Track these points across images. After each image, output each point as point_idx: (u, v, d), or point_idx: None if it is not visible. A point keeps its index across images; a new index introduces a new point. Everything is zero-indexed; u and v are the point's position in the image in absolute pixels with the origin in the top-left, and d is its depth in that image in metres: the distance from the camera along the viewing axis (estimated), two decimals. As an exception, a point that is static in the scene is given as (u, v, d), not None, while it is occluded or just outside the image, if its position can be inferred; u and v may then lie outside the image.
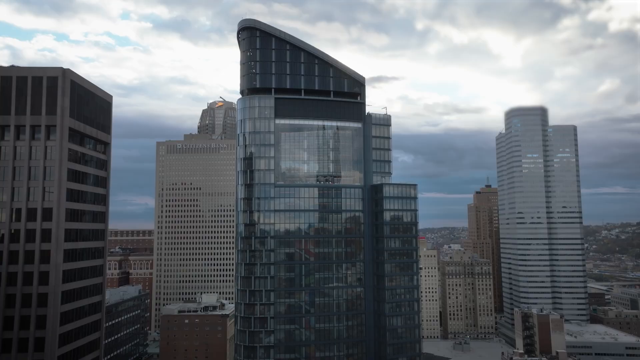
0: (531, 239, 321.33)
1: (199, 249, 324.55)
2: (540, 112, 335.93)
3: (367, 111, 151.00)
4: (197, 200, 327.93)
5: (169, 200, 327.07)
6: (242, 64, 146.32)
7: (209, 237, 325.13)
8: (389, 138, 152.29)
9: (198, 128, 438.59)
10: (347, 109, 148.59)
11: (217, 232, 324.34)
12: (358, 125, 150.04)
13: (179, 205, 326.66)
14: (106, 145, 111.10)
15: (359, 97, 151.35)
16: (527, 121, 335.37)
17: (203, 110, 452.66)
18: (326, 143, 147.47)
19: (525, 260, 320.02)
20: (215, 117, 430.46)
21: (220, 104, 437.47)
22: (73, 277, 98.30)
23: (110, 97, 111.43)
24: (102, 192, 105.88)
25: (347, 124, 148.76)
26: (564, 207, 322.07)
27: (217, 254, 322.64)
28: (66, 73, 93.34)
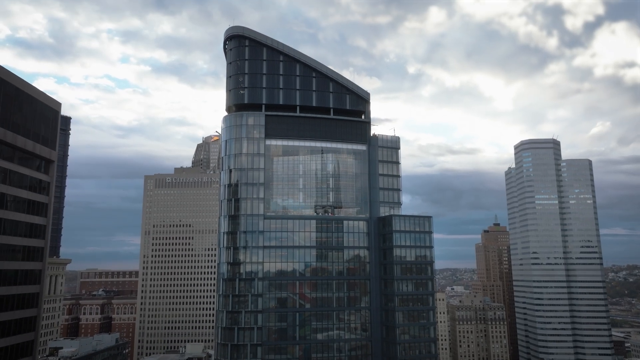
0: (548, 281, 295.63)
1: (188, 292, 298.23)
2: (553, 145, 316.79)
3: (372, 132, 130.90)
4: (186, 238, 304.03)
5: (157, 239, 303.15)
6: (229, 77, 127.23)
7: (198, 279, 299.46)
8: (397, 163, 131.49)
9: (192, 163, 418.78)
10: (350, 128, 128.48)
11: (208, 273, 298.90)
12: (362, 147, 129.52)
13: (167, 244, 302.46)
14: (49, 163, 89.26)
15: (363, 116, 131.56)
16: (539, 155, 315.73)
17: (198, 145, 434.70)
18: (325, 168, 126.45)
19: (542, 304, 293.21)
20: (210, 151, 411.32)
21: (215, 138, 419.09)
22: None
23: (59, 104, 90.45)
24: (39, 222, 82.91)
25: (349, 146, 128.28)
26: (582, 247, 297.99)
27: (207, 297, 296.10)
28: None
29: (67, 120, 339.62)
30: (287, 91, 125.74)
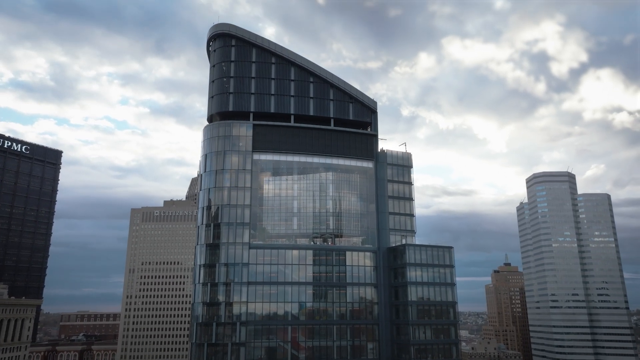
0: (569, 326, 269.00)
1: (175, 336, 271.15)
2: (568, 179, 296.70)
3: (380, 147, 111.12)
4: (175, 277, 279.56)
5: (143, 277, 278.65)
6: (212, 81, 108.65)
7: (187, 323, 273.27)
8: (410, 184, 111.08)
9: (186, 197, 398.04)
10: (354, 142, 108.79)
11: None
12: (368, 164, 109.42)
13: (153, 284, 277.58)
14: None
15: (369, 128, 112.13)
16: (554, 189, 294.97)
17: (192, 179, 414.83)
18: (324, 188, 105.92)
19: (563, 352, 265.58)
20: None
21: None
22: None
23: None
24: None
25: (353, 162, 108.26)
26: (604, 288, 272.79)
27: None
28: None
29: (57, 154, 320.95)
30: (280, 98, 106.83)
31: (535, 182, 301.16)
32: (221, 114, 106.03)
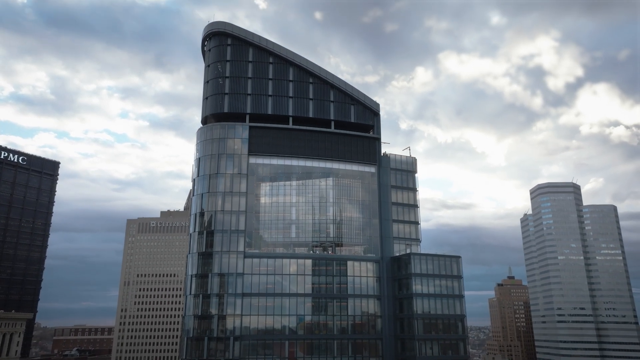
0: (577, 341, 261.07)
1: (169, 351, 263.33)
2: (573, 190, 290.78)
3: (383, 151, 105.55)
4: (172, 289, 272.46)
5: (140, 289, 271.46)
6: (206, 82, 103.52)
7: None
8: (415, 190, 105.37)
9: (184, 209, 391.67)
10: (355, 146, 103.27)
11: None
12: (370, 169, 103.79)
13: (149, 296, 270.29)
14: None
15: (371, 131, 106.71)
16: (559, 200, 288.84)
17: (191, 189, 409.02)
18: (324, 194, 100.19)
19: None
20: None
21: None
22: None
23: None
24: None
25: (354, 167, 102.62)
26: (613, 302, 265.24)
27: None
28: None
29: (54, 165, 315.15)
30: (278, 99, 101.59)
31: (540, 193, 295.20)
32: (216, 116, 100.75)
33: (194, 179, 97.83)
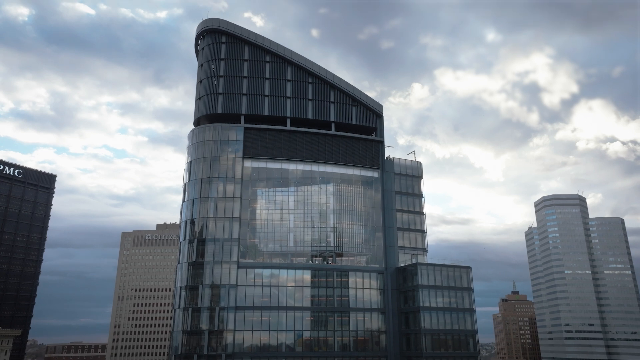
0: (586, 359, 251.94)
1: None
2: (579, 202, 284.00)
3: (386, 154, 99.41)
4: (167, 304, 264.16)
5: (135, 305, 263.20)
6: (199, 82, 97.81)
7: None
8: (421, 196, 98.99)
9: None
10: (357, 149, 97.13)
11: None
12: (373, 174, 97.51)
13: (143, 311, 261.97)
14: None
15: (374, 134, 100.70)
16: (564, 213, 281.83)
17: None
18: (324, 200, 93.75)
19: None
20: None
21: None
22: None
23: None
24: None
25: (356, 171, 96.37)
26: (622, 318, 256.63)
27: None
28: None
29: (51, 178, 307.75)
30: (275, 99, 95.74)
31: (545, 205, 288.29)
32: (209, 117, 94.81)
33: (185, 184, 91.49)
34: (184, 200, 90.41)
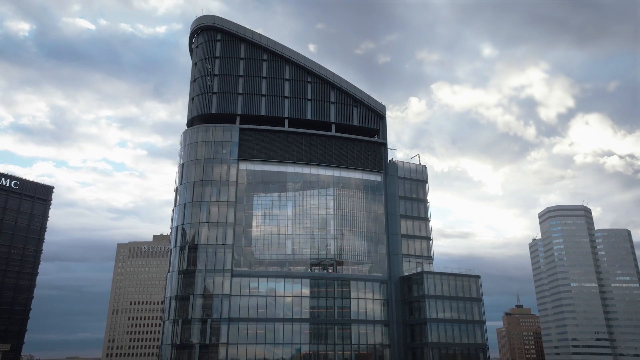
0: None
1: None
2: (584, 213, 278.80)
3: (389, 157, 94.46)
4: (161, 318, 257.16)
5: (130, 318, 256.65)
6: (193, 81, 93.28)
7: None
8: (426, 201, 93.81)
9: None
10: (359, 151, 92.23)
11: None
12: (376, 178, 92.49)
13: (138, 325, 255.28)
14: None
15: (377, 136, 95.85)
16: (569, 224, 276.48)
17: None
18: (324, 205, 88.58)
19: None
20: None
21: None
22: None
23: None
24: None
25: (358, 174, 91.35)
26: (631, 333, 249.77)
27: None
28: None
29: (48, 189, 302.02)
30: (272, 99, 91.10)
31: (549, 217, 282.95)
32: (203, 117, 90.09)
33: (177, 188, 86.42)
34: (175, 205, 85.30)
